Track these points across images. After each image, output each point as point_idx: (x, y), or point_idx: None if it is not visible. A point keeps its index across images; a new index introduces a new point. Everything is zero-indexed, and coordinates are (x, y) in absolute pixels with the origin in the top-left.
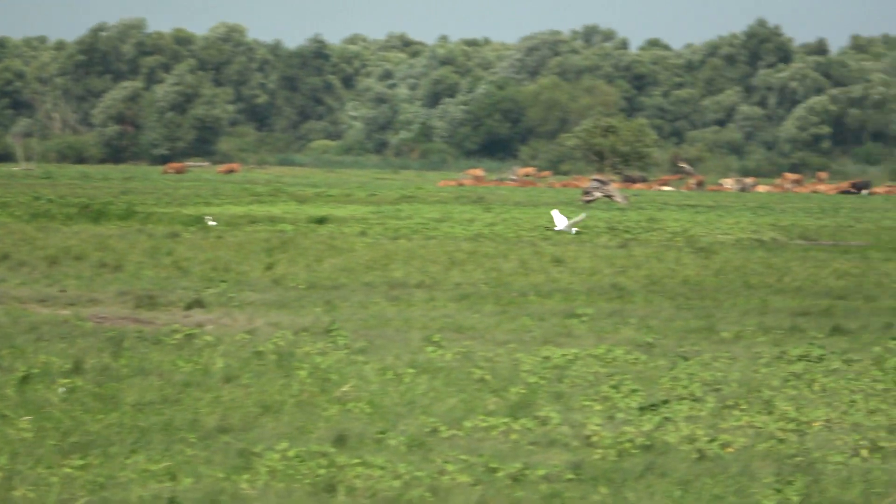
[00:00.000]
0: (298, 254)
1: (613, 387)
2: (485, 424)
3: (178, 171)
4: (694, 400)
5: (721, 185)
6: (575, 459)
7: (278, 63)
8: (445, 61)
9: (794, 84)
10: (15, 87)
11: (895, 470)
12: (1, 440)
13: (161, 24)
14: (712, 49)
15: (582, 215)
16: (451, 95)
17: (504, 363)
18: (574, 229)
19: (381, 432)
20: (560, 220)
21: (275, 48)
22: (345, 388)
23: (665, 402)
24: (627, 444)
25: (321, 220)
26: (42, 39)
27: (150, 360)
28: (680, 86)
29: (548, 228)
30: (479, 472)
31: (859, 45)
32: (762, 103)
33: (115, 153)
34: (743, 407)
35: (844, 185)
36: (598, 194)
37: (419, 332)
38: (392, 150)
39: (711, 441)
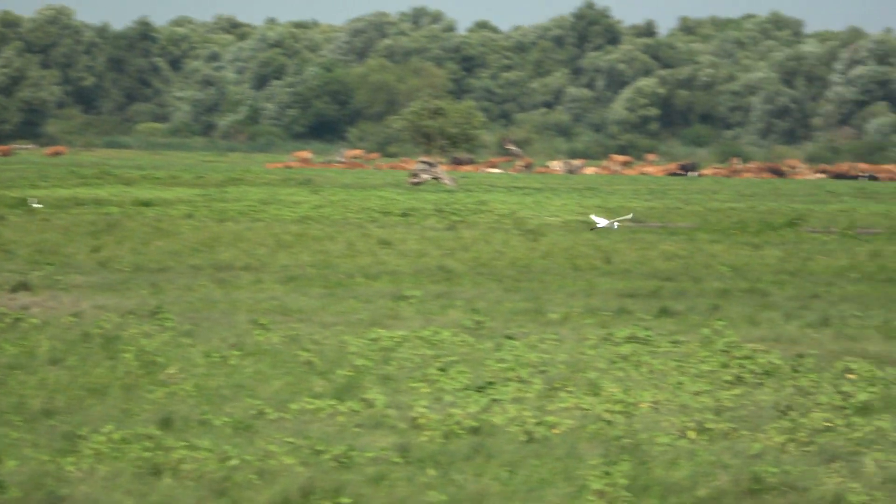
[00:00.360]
0: (125, 236)
1: (440, 369)
2: (311, 406)
3: (4, 154)
4: (521, 381)
5: (549, 166)
6: (402, 441)
7: (105, 45)
8: (273, 44)
9: (622, 66)
10: None
11: (722, 451)
12: None
13: None
14: (541, 31)
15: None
16: (279, 78)
17: (331, 345)
18: (615, 224)
19: (207, 415)
20: (600, 219)
21: (102, 30)
22: (171, 371)
23: (492, 383)
24: (454, 426)
25: (147, 203)
26: None
27: None
28: (508, 68)
29: (591, 228)
30: (306, 455)
31: (688, 27)
32: (590, 85)
33: None
34: (570, 388)
35: (672, 166)
36: (425, 176)
37: (246, 314)
38: (220, 132)
39: (538, 423)
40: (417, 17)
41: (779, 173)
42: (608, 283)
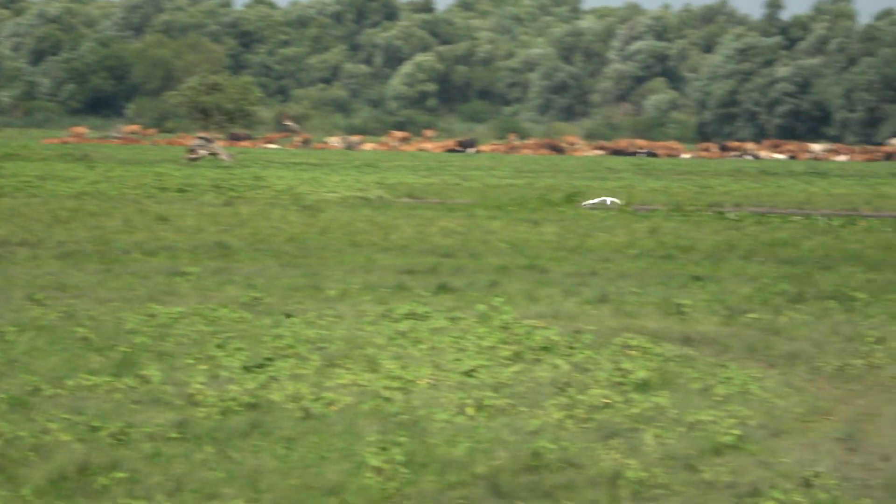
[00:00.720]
0: None
1: (218, 345)
2: (88, 383)
3: None
4: (299, 358)
5: (327, 143)
6: (179, 418)
7: None
8: (51, 19)
9: (399, 42)
10: None
11: (500, 428)
12: None
13: None
14: (320, 7)
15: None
16: (56, 53)
17: (108, 321)
18: (610, 200)
19: None
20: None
21: None
22: None
23: (270, 360)
24: (232, 403)
25: None
26: None
27: None
28: (286, 44)
29: (582, 202)
30: (82, 431)
31: (466, 3)
32: (368, 61)
33: None
34: (348, 365)
35: (451, 143)
36: (203, 152)
37: (22, 290)
38: None
39: (316, 399)
40: None
41: (557, 149)
42: (387, 259)
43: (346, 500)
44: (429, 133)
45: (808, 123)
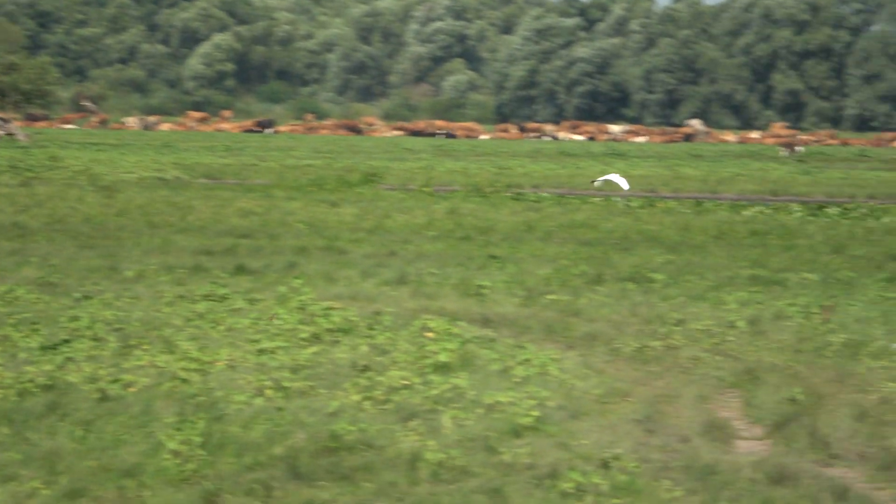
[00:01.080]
0: None
1: (14, 326)
2: None
3: None
4: (96, 339)
5: (124, 123)
6: None
7: None
8: None
9: (197, 23)
10: None
11: (299, 409)
12: None
13: None
14: None
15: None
16: None
17: None
18: (625, 185)
19: None
20: (621, 181)
21: None
22: None
23: (67, 341)
24: (28, 384)
25: None
26: None
27: None
28: (83, 24)
29: (592, 181)
30: None
31: None
32: (166, 41)
33: None
34: (145, 347)
35: (248, 123)
36: None
37: None
38: None
39: (114, 381)
40: None
41: (356, 130)
42: (184, 240)
43: (143, 482)
44: (226, 113)
45: (607, 104)
